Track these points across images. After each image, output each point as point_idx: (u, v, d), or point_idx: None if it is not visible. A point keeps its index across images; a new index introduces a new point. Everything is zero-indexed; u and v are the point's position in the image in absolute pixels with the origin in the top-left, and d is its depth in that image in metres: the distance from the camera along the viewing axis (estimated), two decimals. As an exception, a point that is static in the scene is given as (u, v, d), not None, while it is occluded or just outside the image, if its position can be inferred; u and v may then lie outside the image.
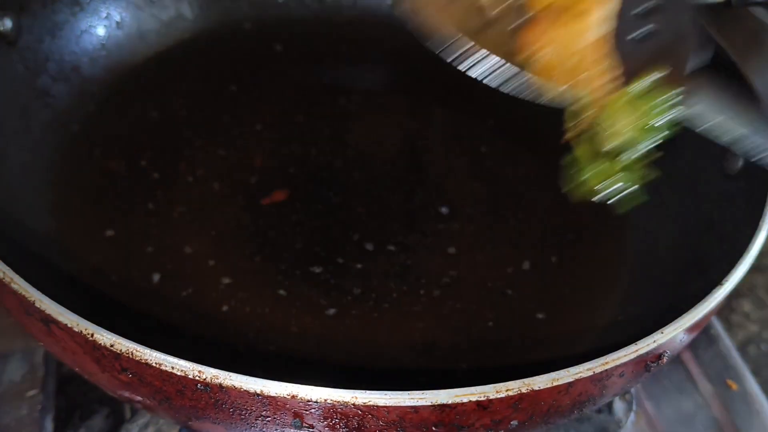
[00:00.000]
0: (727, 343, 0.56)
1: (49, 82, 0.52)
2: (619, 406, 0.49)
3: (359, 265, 0.48)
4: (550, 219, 0.53)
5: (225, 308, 0.45)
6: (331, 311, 0.46)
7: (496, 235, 0.52)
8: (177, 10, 0.60)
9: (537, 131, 0.58)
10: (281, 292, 0.46)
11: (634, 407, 0.50)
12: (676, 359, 0.54)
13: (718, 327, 0.57)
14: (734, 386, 0.53)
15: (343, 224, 0.51)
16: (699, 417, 0.52)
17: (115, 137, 0.53)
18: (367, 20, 0.65)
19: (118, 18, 0.57)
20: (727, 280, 0.35)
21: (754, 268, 0.98)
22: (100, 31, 0.56)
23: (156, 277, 0.46)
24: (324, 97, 0.60)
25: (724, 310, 0.85)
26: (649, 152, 0.36)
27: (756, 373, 0.77)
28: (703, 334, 0.56)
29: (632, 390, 0.50)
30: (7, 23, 0.49)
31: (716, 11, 0.40)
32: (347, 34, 0.64)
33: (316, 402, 0.29)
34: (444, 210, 0.53)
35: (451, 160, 0.57)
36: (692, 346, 0.55)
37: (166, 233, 0.48)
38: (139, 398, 0.32)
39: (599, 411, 0.48)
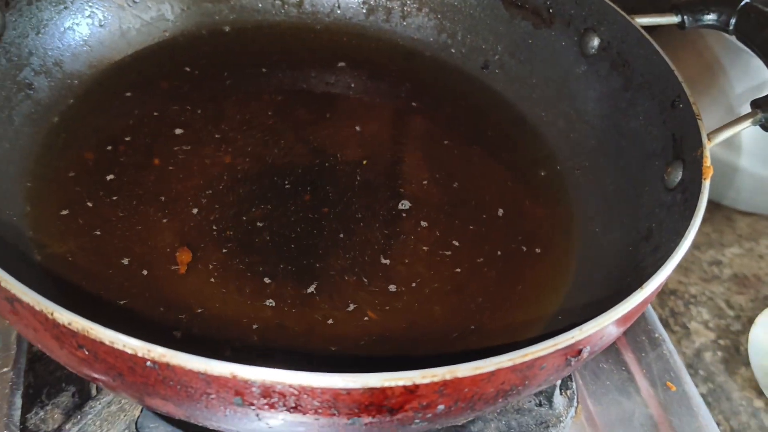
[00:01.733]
0: (670, 346, 0.59)
1: (31, 75, 0.55)
2: (559, 401, 0.52)
3: (318, 262, 0.51)
4: (507, 228, 0.55)
5: (189, 297, 0.47)
6: (289, 302, 0.48)
7: (453, 232, 0.54)
8: (158, 10, 0.62)
9: (502, 146, 0.61)
10: (243, 283, 0.48)
11: (575, 403, 0.53)
12: (619, 361, 0.57)
13: (662, 331, 0.60)
14: (673, 388, 0.56)
15: (306, 222, 0.53)
16: (637, 416, 0.54)
17: (93, 130, 0.56)
18: (343, 28, 0.68)
19: (101, 16, 0.59)
20: (645, 286, 0.38)
21: (714, 278, 1.02)
22: (84, 28, 0.59)
23: (125, 261, 0.48)
24: (297, 100, 0.63)
25: (683, 317, 0.89)
26: None
27: (709, 379, 0.81)
28: (646, 337, 0.59)
29: (573, 386, 0.53)
30: (-7, 19, 0.52)
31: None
32: (324, 41, 0.67)
33: (254, 382, 0.31)
34: (403, 207, 0.55)
35: (416, 164, 0.59)
36: (636, 349, 0.59)
37: (137, 224, 0.51)
38: (95, 375, 0.35)
39: (540, 404, 0.51)
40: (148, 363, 0.32)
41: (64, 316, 0.32)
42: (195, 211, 0.52)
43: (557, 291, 0.50)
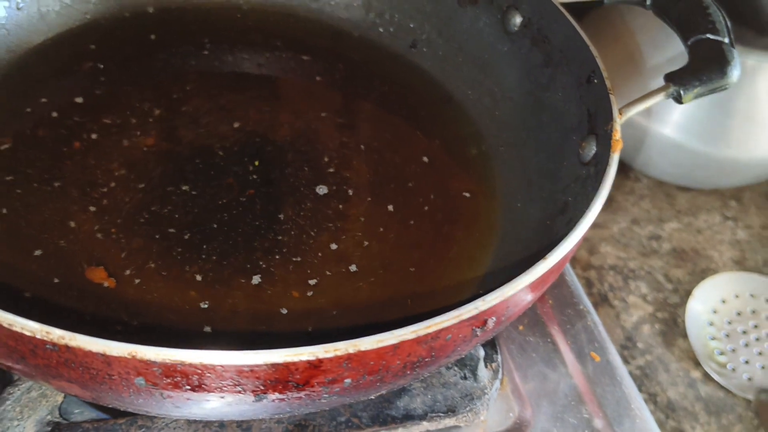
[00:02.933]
0: (595, 318, 0.61)
1: (-57, 59, 0.54)
2: (484, 373, 0.53)
3: (235, 238, 0.51)
4: (432, 203, 0.56)
5: (105, 283, 0.47)
6: (213, 283, 0.48)
7: (380, 209, 0.55)
8: (79, -8, 0.61)
9: (431, 125, 0.61)
10: (160, 264, 0.48)
11: (500, 376, 0.54)
12: (545, 333, 0.59)
13: (587, 302, 0.61)
14: (597, 358, 0.58)
15: (231, 204, 0.53)
16: (562, 387, 0.56)
17: (11, 115, 0.55)
18: (269, 8, 0.67)
19: (17, -1, 0.58)
20: (550, 256, 0.39)
21: (653, 252, 1.04)
22: (1, 11, 0.57)
23: (38, 252, 0.48)
24: (223, 81, 0.62)
25: (622, 291, 0.91)
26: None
27: (647, 351, 0.83)
28: (572, 310, 0.61)
29: (499, 359, 0.54)
30: None
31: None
32: (250, 20, 0.66)
33: (154, 362, 0.32)
34: (331, 187, 0.56)
35: (339, 144, 0.60)
36: (561, 321, 0.60)
37: (54, 209, 0.50)
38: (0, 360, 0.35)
39: (465, 377, 0.52)
40: (48, 345, 0.32)
41: (-41, 302, 0.32)
42: (114, 193, 0.52)
43: (479, 267, 0.51)
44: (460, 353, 0.40)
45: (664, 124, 0.80)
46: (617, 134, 0.46)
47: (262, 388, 0.34)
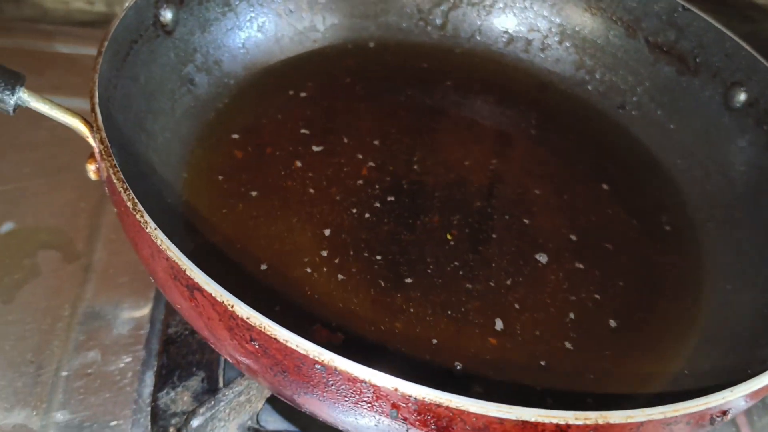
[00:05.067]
0: (785, 415, 0.58)
1: (194, 71, 0.58)
2: (670, 455, 0.51)
3: (436, 278, 0.52)
4: (631, 273, 0.55)
5: (317, 296, 0.49)
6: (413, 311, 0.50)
7: (577, 274, 0.54)
8: (311, 21, 0.65)
9: (631, 188, 0.61)
10: (376, 291, 0.50)
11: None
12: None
13: (778, 397, 0.58)
14: (784, 457, 0.55)
15: (435, 244, 0.54)
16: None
17: (244, 129, 0.58)
18: (480, 54, 0.69)
19: (260, 22, 0.63)
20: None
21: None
22: (244, 32, 0.62)
23: (263, 266, 0.50)
24: (429, 120, 0.64)
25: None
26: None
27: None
28: (760, 402, 0.58)
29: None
30: (168, 15, 0.55)
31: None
32: (461, 64, 0.68)
33: (415, 398, 0.33)
34: (535, 251, 0.56)
35: (542, 199, 0.60)
36: (747, 412, 0.57)
37: (277, 221, 0.53)
38: (256, 367, 0.37)
39: (651, 456, 0.51)
40: (317, 366, 0.33)
41: (243, 310, 0.34)
42: (333, 216, 0.54)
43: (683, 346, 0.50)
44: (685, 437, 0.39)
45: None
46: None
47: (503, 441, 0.34)
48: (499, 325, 0.50)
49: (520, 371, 0.48)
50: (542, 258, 0.54)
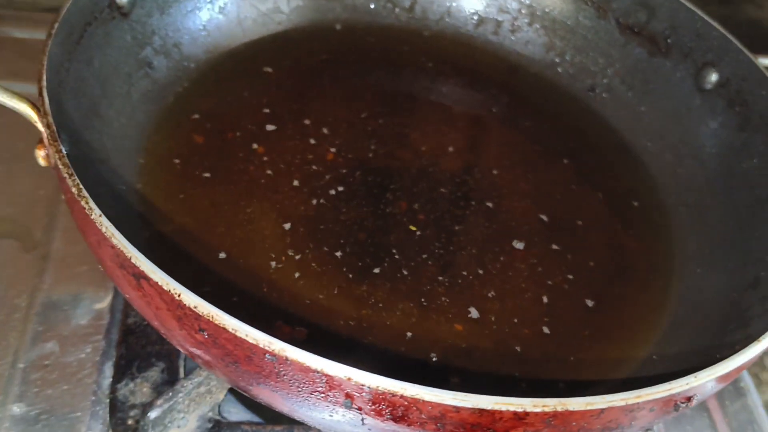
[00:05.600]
0: (755, 398, 0.57)
1: (152, 54, 0.56)
2: (639, 441, 0.50)
3: (403, 261, 0.51)
4: (603, 257, 0.54)
5: (278, 287, 0.48)
6: (383, 303, 0.48)
7: (547, 258, 0.53)
8: (275, 2, 0.63)
9: (602, 172, 0.60)
10: (342, 282, 0.49)
11: (655, 445, 0.51)
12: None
13: (749, 381, 0.58)
14: (755, 441, 0.55)
15: (398, 222, 0.53)
16: (716, 464, 0.53)
17: (204, 113, 0.57)
18: (450, 36, 0.68)
19: (221, 3, 0.61)
20: (764, 338, 0.37)
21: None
22: (204, 14, 0.60)
23: (222, 255, 0.49)
24: (396, 103, 0.63)
25: (755, 367, 0.86)
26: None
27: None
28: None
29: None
30: (124, -4, 0.54)
31: None
32: (430, 47, 0.67)
33: (369, 387, 0.32)
34: (505, 229, 0.55)
35: (511, 181, 0.59)
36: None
37: (237, 208, 0.52)
38: (207, 357, 0.36)
39: (621, 443, 0.50)
40: (267, 356, 0.32)
41: (190, 299, 0.33)
42: (292, 201, 0.53)
43: (652, 330, 0.49)
44: (649, 425, 0.38)
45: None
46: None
47: (462, 429, 0.33)
48: (474, 313, 0.49)
49: (496, 359, 0.47)
50: (516, 244, 0.53)
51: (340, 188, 0.54)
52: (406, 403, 0.32)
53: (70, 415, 0.49)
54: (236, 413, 0.50)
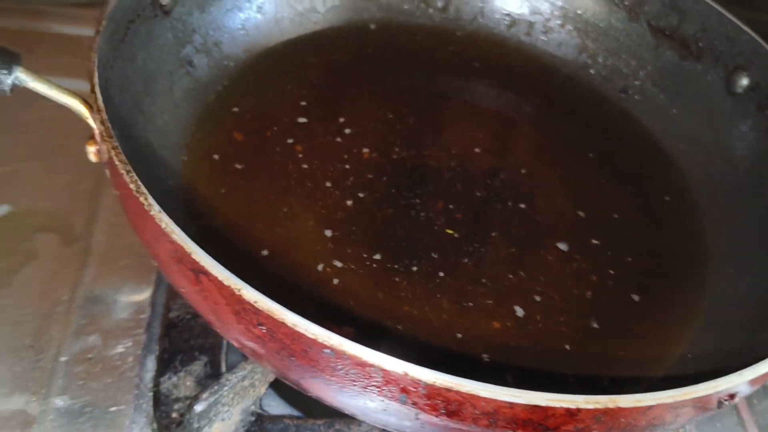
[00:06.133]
0: (784, 398, 0.58)
1: (192, 52, 0.57)
2: (671, 438, 0.51)
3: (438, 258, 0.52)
4: (639, 252, 0.55)
5: (320, 283, 0.48)
6: (427, 305, 0.49)
7: (584, 256, 0.54)
8: (311, 2, 0.64)
9: (640, 172, 0.60)
10: (383, 282, 0.50)
11: (684, 443, 0.52)
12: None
13: (777, 382, 0.58)
14: (784, 440, 0.55)
15: (435, 222, 0.54)
16: (745, 462, 0.54)
17: (244, 111, 0.58)
18: (483, 37, 0.68)
19: (259, 2, 0.62)
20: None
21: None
22: (243, 12, 0.61)
23: (265, 252, 0.50)
24: (430, 102, 0.64)
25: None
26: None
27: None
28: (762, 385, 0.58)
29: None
30: (166, -6, 0.55)
31: None
32: (463, 47, 0.67)
33: (425, 383, 0.32)
34: (532, 226, 0.56)
35: (546, 181, 0.59)
36: (749, 395, 0.58)
37: (276, 206, 0.52)
38: (262, 351, 0.37)
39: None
40: (325, 350, 0.33)
41: (251, 295, 0.33)
42: (333, 199, 0.53)
43: (687, 328, 0.50)
44: (690, 422, 0.39)
45: None
46: None
47: (514, 425, 0.34)
48: (519, 312, 0.50)
49: (544, 356, 0.48)
50: (557, 243, 0.54)
51: (375, 187, 0.55)
52: (460, 398, 0.33)
53: (114, 408, 0.49)
54: (276, 407, 0.51)
